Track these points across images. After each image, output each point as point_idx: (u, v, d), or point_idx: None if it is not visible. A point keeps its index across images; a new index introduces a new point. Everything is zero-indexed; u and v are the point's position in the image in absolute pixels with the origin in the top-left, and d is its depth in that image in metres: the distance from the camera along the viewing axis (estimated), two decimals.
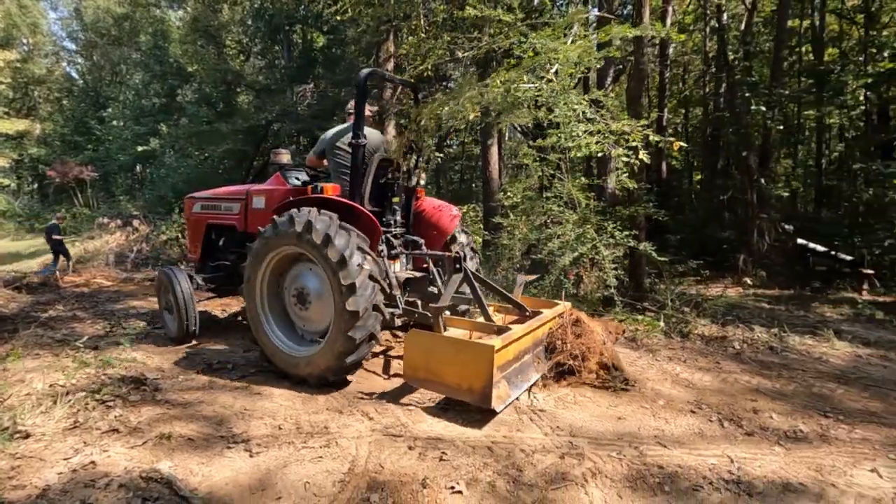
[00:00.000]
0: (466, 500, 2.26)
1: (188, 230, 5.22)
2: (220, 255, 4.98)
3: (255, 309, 3.75)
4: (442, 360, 3.13)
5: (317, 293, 3.59)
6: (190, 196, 5.19)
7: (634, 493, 2.42)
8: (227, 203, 4.76)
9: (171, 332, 4.58)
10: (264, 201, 4.44)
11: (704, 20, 14.38)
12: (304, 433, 2.83)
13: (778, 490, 2.51)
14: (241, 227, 4.63)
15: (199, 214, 4.97)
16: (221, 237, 4.99)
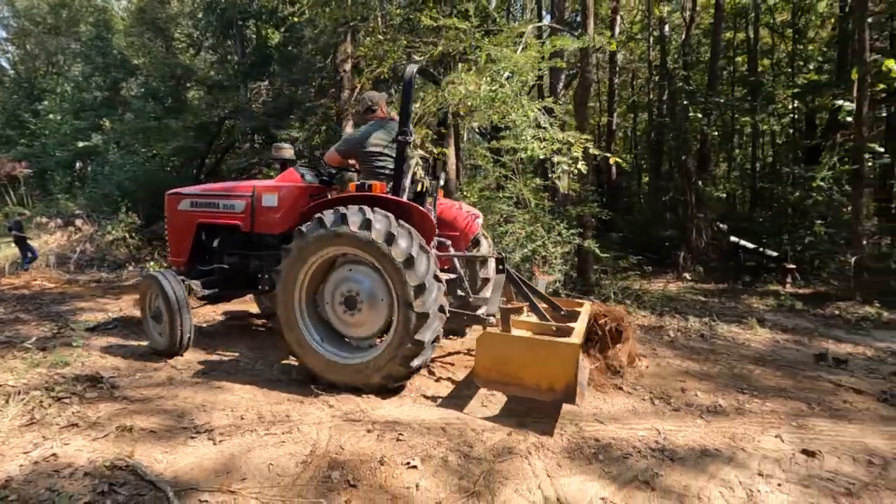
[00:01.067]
0: (421, 473, 2.46)
1: (171, 231, 4.60)
2: (214, 258, 4.49)
3: (293, 316, 3.47)
4: (521, 361, 3.05)
5: (370, 297, 3.38)
6: (174, 192, 4.65)
7: (572, 462, 2.70)
8: (227, 200, 4.33)
9: (158, 344, 4.11)
10: (277, 199, 4.15)
11: (649, 30, 15.17)
12: (266, 422, 2.95)
13: (697, 455, 2.85)
14: (247, 226, 4.25)
15: (187, 213, 4.46)
16: (216, 238, 4.51)
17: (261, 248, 4.32)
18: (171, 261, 4.64)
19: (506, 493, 2.35)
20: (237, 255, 4.41)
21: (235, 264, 4.39)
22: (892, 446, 3.04)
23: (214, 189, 4.54)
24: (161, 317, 4.01)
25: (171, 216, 4.59)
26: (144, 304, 4.23)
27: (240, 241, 4.40)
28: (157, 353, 4.13)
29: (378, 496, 2.27)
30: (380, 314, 3.39)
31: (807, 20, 15.10)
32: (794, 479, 2.65)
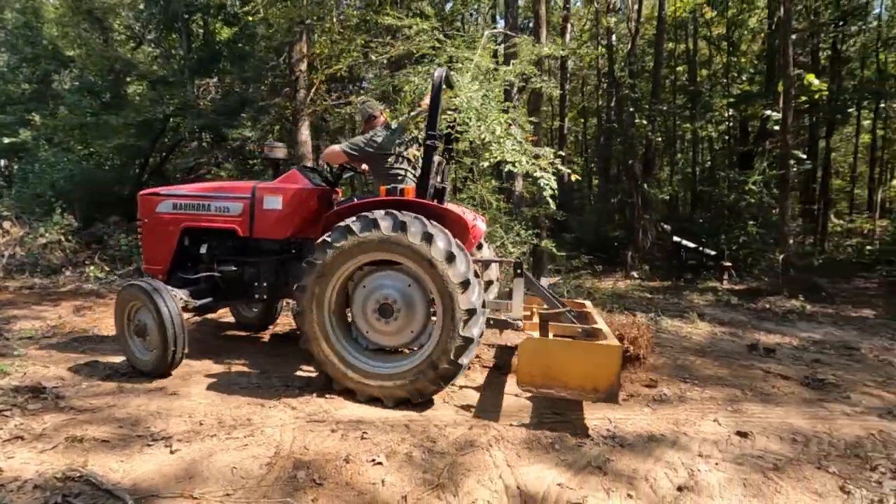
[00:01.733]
0: (386, 469, 2.52)
1: (148, 236, 4.14)
2: (202, 266, 4.11)
3: (323, 328, 3.31)
4: (565, 363, 3.09)
5: (407, 302, 3.32)
6: (150, 192, 4.23)
7: (531, 452, 2.83)
8: (219, 202, 3.98)
9: (141, 363, 3.71)
10: (281, 201, 3.88)
11: (597, 39, 15.79)
12: (226, 426, 2.92)
13: (644, 441, 3.06)
14: (244, 231, 3.95)
15: (169, 216, 4.05)
16: (205, 243, 4.09)
17: (259, 255, 4.05)
18: (148, 269, 4.17)
19: (469, 484, 2.45)
20: (231, 262, 4.04)
21: (229, 272, 4.00)
22: (813, 425, 3.37)
23: (202, 190, 4.16)
24: (147, 332, 3.63)
25: (148, 219, 4.13)
26: (123, 318, 3.76)
27: (234, 247, 4.09)
28: (140, 372, 3.72)
29: (345, 493, 2.31)
30: (417, 319, 3.36)
31: (739, 34, 16.21)
32: (729, 458, 2.90)
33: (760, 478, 2.71)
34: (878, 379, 4.43)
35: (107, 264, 9.43)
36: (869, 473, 2.76)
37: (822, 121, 14.58)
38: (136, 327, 3.71)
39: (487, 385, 3.88)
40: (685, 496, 2.50)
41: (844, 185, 19.30)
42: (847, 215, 17.11)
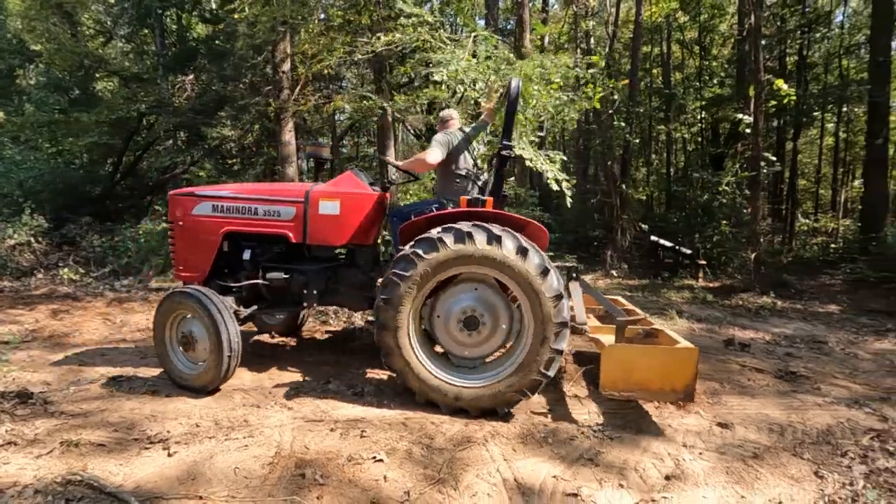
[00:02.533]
0: (387, 466, 2.58)
1: (181, 239, 3.80)
2: (245, 273, 3.84)
3: (407, 342, 3.22)
4: (647, 368, 3.17)
5: (493, 315, 3.30)
6: (185, 193, 3.88)
7: (525, 446, 2.93)
8: (269, 206, 3.72)
9: (185, 377, 3.44)
10: (339, 207, 3.68)
11: (576, 42, 16.06)
12: (224, 428, 2.93)
13: (632, 433, 3.19)
14: (297, 237, 3.72)
15: (209, 219, 3.75)
16: (248, 249, 3.86)
17: (310, 262, 3.87)
18: (182, 276, 3.82)
19: (468, 478, 2.53)
20: (280, 269, 3.79)
21: (277, 280, 3.74)
22: (788, 415, 3.56)
23: (247, 192, 3.83)
24: (195, 344, 3.38)
25: (183, 222, 3.79)
26: (165, 329, 3.49)
27: (283, 254, 3.91)
28: (183, 387, 3.45)
29: (348, 490, 2.36)
30: (501, 332, 3.33)
31: (711, 39, 16.72)
32: (712, 447, 3.05)
33: (741, 465, 2.86)
34: (845, 371, 4.69)
35: (81, 266, 9.18)
36: (840, 459, 2.95)
37: (789, 124, 15.17)
38: (181, 338, 3.45)
39: None
40: (672, 484, 2.62)
41: (810, 186, 20.07)
42: (812, 215, 17.80)
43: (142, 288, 7.40)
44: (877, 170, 10.90)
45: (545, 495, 2.45)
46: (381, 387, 3.72)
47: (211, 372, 3.32)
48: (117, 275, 8.40)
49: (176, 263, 3.83)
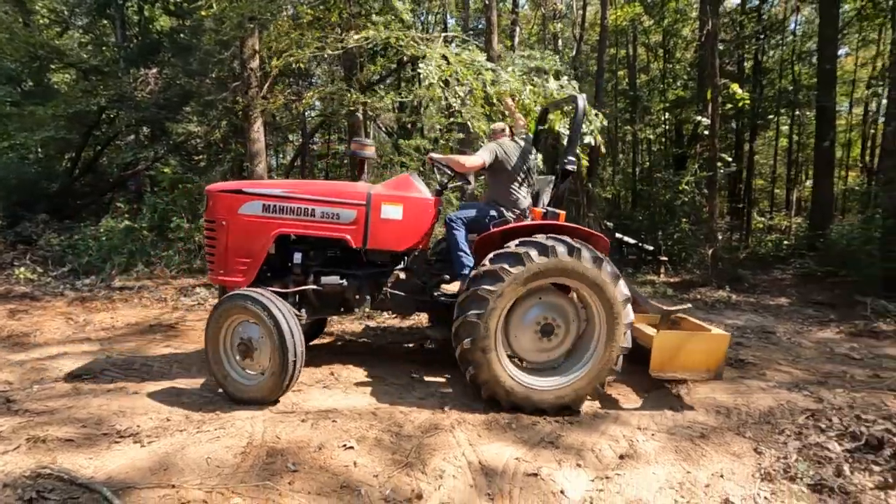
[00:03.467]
0: (357, 452, 2.68)
1: (225, 240, 3.46)
2: (295, 277, 3.63)
3: (495, 353, 3.27)
4: (689, 351, 3.57)
5: (565, 321, 3.46)
6: (231, 189, 3.54)
7: (490, 432, 3.08)
8: (327, 207, 3.52)
9: (241, 388, 3.21)
10: (402, 211, 3.60)
11: (544, 43, 16.37)
12: (195, 421, 2.96)
13: (591, 417, 3.38)
14: (357, 242, 3.56)
15: (259, 219, 3.46)
16: (299, 252, 3.65)
17: (367, 266, 3.77)
18: (226, 281, 3.50)
19: (435, 462, 2.65)
20: (335, 273, 3.66)
21: (331, 285, 3.61)
22: (734, 398, 3.82)
23: (302, 191, 3.57)
24: (254, 351, 3.16)
25: (227, 221, 3.45)
26: (220, 336, 3.22)
27: (339, 258, 3.79)
28: (239, 400, 3.20)
29: (319, 475, 2.45)
30: (571, 337, 3.50)
31: (675, 43, 17.31)
32: (663, 429, 3.27)
33: (689, 444, 3.08)
34: (788, 358, 5.03)
35: (38, 265, 8.87)
36: (777, 436, 3.21)
37: (746, 126, 15.88)
38: (239, 346, 3.20)
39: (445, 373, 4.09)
40: (626, 462, 2.82)
41: (766, 186, 21.02)
42: (768, 213, 18.67)
43: (104, 287, 7.23)
44: (824, 171, 11.56)
45: (507, 475, 2.60)
46: (350, 379, 3.81)
47: (272, 380, 3.12)
48: (77, 274, 8.16)
49: (216, 266, 3.49)
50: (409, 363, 4.32)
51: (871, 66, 16.56)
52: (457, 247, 3.65)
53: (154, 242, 9.70)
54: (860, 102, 18.07)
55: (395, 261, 3.81)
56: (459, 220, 3.70)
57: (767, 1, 15.91)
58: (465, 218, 3.72)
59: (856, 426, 3.26)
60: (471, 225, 3.75)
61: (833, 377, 4.51)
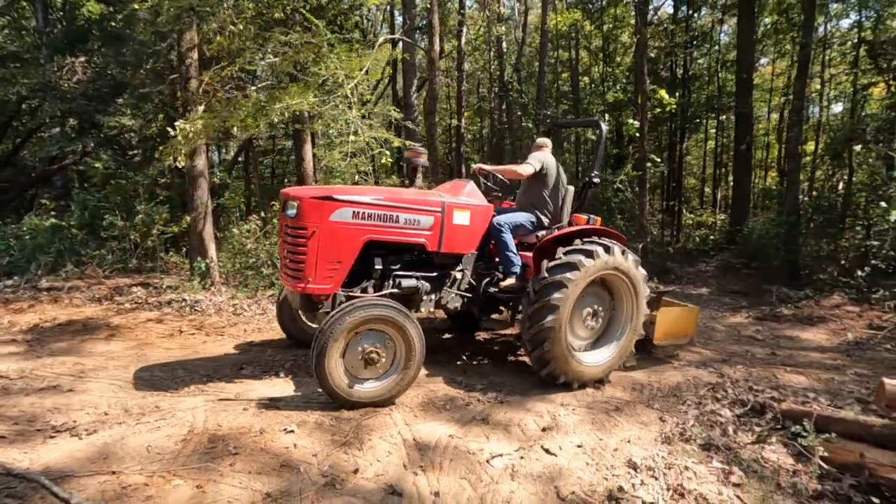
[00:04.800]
0: (297, 435, 2.83)
1: (316, 247, 3.36)
2: (374, 283, 3.71)
3: (567, 340, 3.76)
4: (678, 323, 4.68)
5: (605, 311, 4.14)
6: (321, 196, 3.41)
7: (426, 412, 3.30)
8: (410, 214, 3.65)
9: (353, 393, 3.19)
10: (469, 217, 3.90)
11: (489, 45, 16.79)
12: (134, 414, 3.00)
13: (520, 397, 3.67)
14: (434, 245, 3.76)
15: (351, 226, 3.44)
16: (379, 257, 3.70)
17: (436, 268, 3.94)
18: (315, 289, 3.41)
19: (372, 441, 2.85)
20: (411, 276, 3.81)
21: (409, 288, 3.76)
22: (648, 377, 4.25)
23: (387, 199, 3.64)
24: (379, 359, 3.25)
25: (320, 229, 3.35)
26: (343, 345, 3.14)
27: (414, 261, 3.91)
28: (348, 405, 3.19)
29: (260, 457, 2.58)
30: (605, 321, 4.18)
31: (614, 47, 18.20)
32: (583, 404, 3.62)
33: (605, 416, 3.44)
34: (701, 340, 5.57)
35: None
36: (680, 406, 3.63)
37: (677, 128, 16.98)
38: (366, 356, 3.21)
39: None
40: (547, 434, 3.12)
41: (696, 185, 22.51)
42: (697, 210, 20.02)
43: (30, 288, 6.88)
44: (742, 172, 12.63)
45: (440, 449, 2.83)
46: (293, 369, 3.93)
47: (401, 384, 3.30)
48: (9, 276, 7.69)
49: (305, 273, 3.36)
50: None
51: (785, 75, 18.14)
52: (507, 248, 4.05)
53: (84, 241, 9.26)
54: (777, 109, 19.74)
55: (456, 262, 4.04)
56: (506, 224, 4.08)
57: (696, 13, 17.04)
58: (510, 223, 4.12)
59: (746, 395, 3.74)
60: (514, 228, 4.16)
61: (737, 356, 5.07)
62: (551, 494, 2.51)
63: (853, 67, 12.73)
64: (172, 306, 5.72)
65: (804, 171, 13.43)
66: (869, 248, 8.04)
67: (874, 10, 11.49)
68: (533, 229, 4.28)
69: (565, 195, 4.41)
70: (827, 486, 2.60)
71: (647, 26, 10.15)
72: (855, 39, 12.67)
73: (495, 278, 4.19)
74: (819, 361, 4.96)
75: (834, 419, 3.03)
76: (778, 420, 3.28)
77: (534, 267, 3.99)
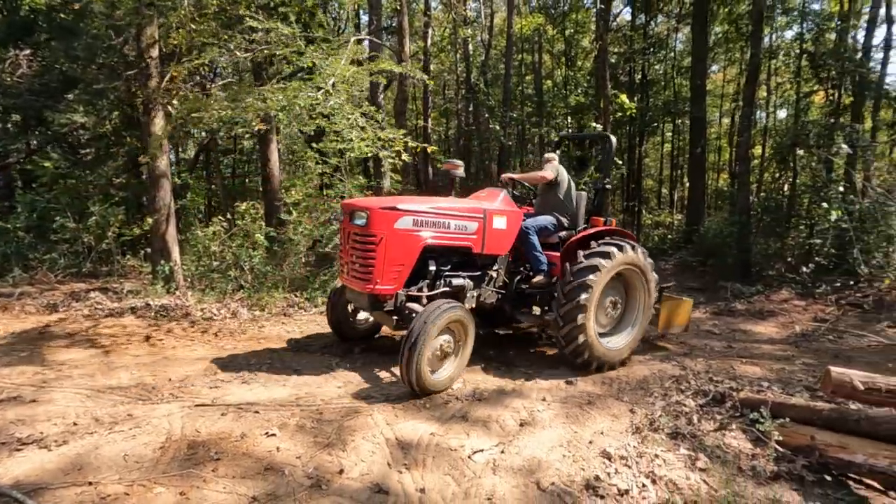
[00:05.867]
0: (280, 439, 2.82)
1: (384, 252, 3.76)
2: (429, 281, 4.11)
3: (589, 320, 4.21)
4: (678, 313, 5.25)
5: (622, 299, 4.73)
6: (387, 207, 3.83)
7: (406, 412, 3.35)
8: (459, 221, 4.13)
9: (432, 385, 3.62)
10: (506, 222, 4.41)
11: (455, 47, 16.93)
12: (106, 423, 2.91)
13: (497, 395, 3.77)
14: (478, 248, 4.27)
15: (411, 232, 3.87)
16: (433, 259, 4.12)
17: (478, 268, 4.42)
18: (382, 289, 3.80)
19: (355, 441, 2.87)
20: (458, 276, 4.27)
21: (458, 286, 4.23)
22: (617, 371, 4.43)
23: (440, 207, 4.08)
24: (449, 355, 3.81)
25: (387, 236, 3.77)
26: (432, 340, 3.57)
27: (460, 262, 4.35)
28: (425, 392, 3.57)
29: (244, 461, 2.56)
30: (622, 310, 4.75)
31: (576, 52, 18.68)
32: (558, 399, 3.74)
33: (579, 410, 3.58)
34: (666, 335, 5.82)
35: None
36: (648, 398, 3.81)
37: (636, 132, 17.60)
38: (443, 353, 3.74)
39: (364, 365, 4.30)
40: (525, 429, 3.23)
41: (654, 186, 23.38)
42: (656, 210, 20.81)
43: None
44: (697, 173, 13.23)
45: (422, 447, 2.88)
46: (270, 373, 3.89)
47: (459, 369, 3.87)
48: None
49: (374, 276, 3.77)
50: (327, 355, 4.47)
51: (735, 82, 19.10)
52: (534, 248, 4.55)
53: (33, 244, 8.79)
54: (728, 114, 20.76)
55: (493, 263, 4.50)
56: (532, 228, 4.59)
57: (652, 20, 17.71)
58: (535, 226, 4.63)
59: (707, 386, 3.97)
60: (539, 231, 4.63)
61: (697, 349, 5.34)
62: (532, 486, 2.60)
63: (796, 76, 13.56)
64: (136, 312, 5.53)
65: (753, 173, 14.23)
66: (812, 246, 8.61)
67: (814, 23, 12.29)
68: (554, 230, 4.77)
69: (578, 199, 4.93)
70: (783, 468, 2.81)
71: (608, 32, 10.49)
72: (798, 50, 13.50)
73: (525, 276, 4.69)
74: (771, 353, 5.30)
75: (787, 406, 3.27)
76: (737, 408, 3.51)
77: (559, 266, 4.46)
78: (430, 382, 3.61)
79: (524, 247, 4.58)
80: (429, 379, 3.59)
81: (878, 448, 2.64)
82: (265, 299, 6.14)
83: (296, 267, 7.62)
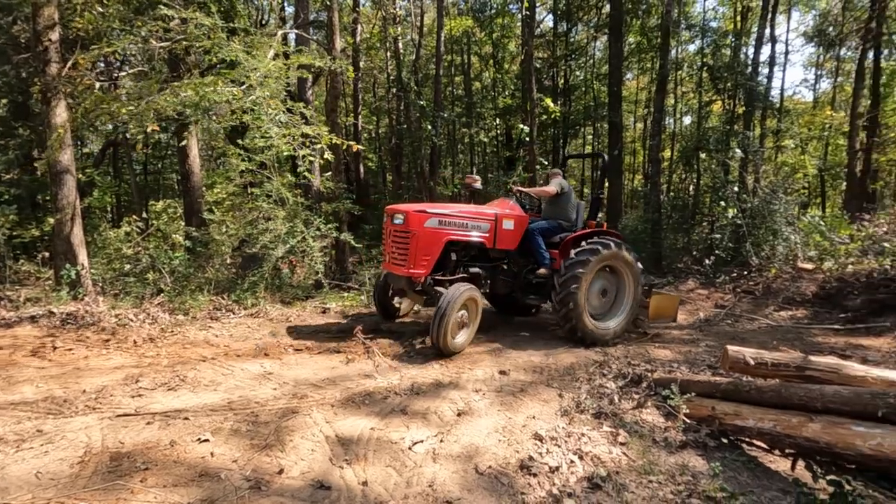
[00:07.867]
0: (213, 444, 2.72)
1: (416, 244, 4.86)
2: (451, 268, 5.20)
3: (581, 306, 5.09)
4: (666, 306, 5.96)
5: (612, 289, 5.61)
6: (419, 210, 4.96)
7: (346, 409, 3.35)
8: (476, 222, 5.18)
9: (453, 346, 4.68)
10: (514, 224, 5.40)
11: (385, 44, 16.85)
12: (11, 442, 2.65)
13: (434, 388, 3.86)
14: (490, 244, 5.29)
15: (437, 230, 4.95)
16: (453, 252, 5.18)
17: (491, 260, 5.52)
18: (411, 273, 4.88)
19: (294, 441, 2.84)
20: (475, 266, 5.36)
21: (474, 273, 5.31)
22: (546, 360, 4.69)
23: (459, 211, 5.17)
24: (466, 325, 4.82)
25: (418, 232, 4.85)
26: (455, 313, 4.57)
27: (475, 255, 5.40)
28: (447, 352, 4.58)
29: (175, 469, 2.46)
30: (613, 296, 5.61)
31: (503, 55, 19.24)
32: (493, 389, 3.91)
33: (512, 398, 3.76)
34: None
35: None
36: (574, 383, 4.08)
37: (560, 134, 18.47)
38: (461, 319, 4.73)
39: (300, 362, 4.23)
40: (462, 418, 3.35)
41: (576, 185, 24.66)
42: None
43: None
44: (614, 174, 14.15)
45: (363, 442, 2.91)
46: (198, 378, 3.72)
47: (470, 336, 4.88)
48: None
49: (409, 262, 4.86)
50: (259, 358, 4.35)
51: (647, 90, 20.61)
52: (539, 246, 5.49)
53: None
54: (641, 119, 22.36)
55: (504, 257, 5.57)
56: (538, 229, 5.55)
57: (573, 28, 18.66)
58: (540, 228, 5.57)
59: (626, 369, 4.32)
60: (543, 232, 5.55)
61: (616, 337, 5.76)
62: (471, 471, 2.72)
63: (698, 86, 14.91)
64: (38, 321, 5.03)
65: (663, 174, 15.46)
66: (713, 241, 9.55)
67: (713, 39, 13.58)
68: (556, 232, 5.67)
69: (578, 207, 5.87)
70: (690, 437, 3.15)
71: (534, 38, 10.95)
72: (699, 63, 14.84)
73: (532, 269, 5.61)
74: (679, 337, 5.84)
75: (693, 382, 3.65)
76: (651, 387, 3.86)
77: (559, 261, 5.33)
78: (452, 345, 4.62)
79: (531, 245, 5.51)
80: (451, 342, 4.59)
81: (766, 413, 3.04)
82: (189, 303, 5.82)
83: (221, 269, 7.28)
